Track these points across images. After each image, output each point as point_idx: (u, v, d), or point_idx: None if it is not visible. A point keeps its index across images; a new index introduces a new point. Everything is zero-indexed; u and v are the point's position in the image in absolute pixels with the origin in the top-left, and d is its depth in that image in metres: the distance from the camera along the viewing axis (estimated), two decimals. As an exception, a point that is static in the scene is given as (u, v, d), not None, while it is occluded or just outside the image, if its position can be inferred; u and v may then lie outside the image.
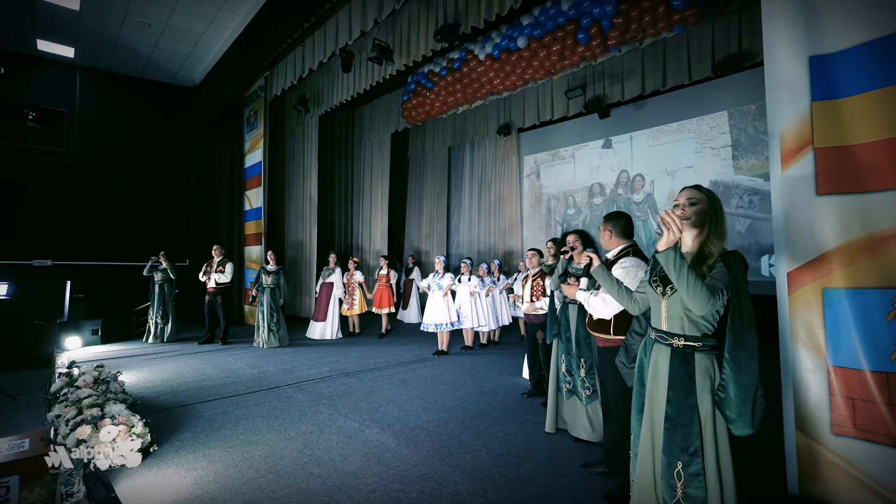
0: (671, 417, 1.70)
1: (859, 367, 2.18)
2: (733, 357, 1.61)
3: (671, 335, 1.74)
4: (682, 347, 1.71)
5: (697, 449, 1.65)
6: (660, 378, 1.76)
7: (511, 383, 4.49)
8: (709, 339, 1.70)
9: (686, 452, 1.66)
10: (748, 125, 6.34)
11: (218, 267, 6.55)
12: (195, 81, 9.63)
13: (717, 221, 1.71)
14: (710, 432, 1.65)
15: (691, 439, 1.65)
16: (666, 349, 1.76)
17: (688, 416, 1.67)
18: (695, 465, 1.64)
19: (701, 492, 1.63)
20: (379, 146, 9.94)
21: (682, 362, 1.71)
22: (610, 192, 7.87)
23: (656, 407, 1.76)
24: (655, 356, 1.80)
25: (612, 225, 2.48)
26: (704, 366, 1.68)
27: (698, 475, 1.64)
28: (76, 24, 7.30)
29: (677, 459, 1.68)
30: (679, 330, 1.72)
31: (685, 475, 1.66)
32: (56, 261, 8.35)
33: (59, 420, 2.97)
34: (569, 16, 5.18)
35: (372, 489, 2.44)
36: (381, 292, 7.30)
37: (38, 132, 8.25)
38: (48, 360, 5.72)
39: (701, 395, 1.67)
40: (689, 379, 1.68)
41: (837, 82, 2.28)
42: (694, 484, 1.64)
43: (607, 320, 2.41)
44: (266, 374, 4.91)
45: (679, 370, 1.71)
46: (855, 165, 2.23)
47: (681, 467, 1.67)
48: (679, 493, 1.67)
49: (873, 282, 2.16)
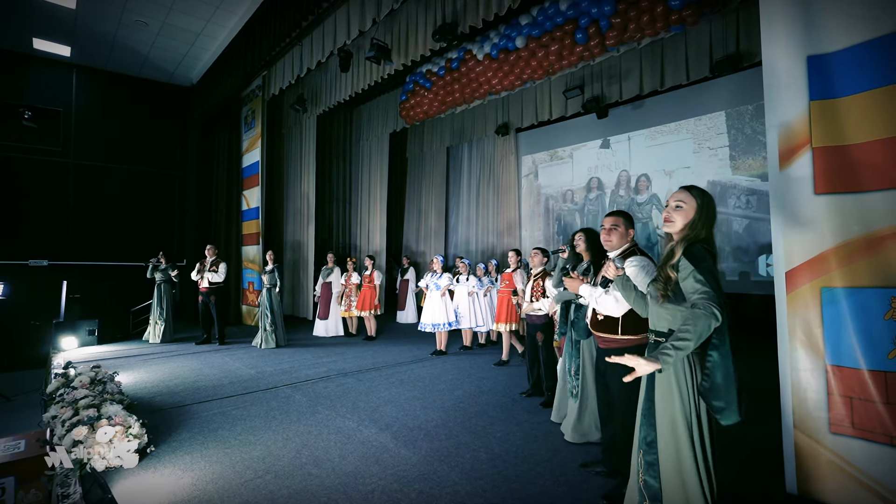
0: (641, 410, 1.83)
1: (857, 367, 2.19)
2: (721, 342, 1.62)
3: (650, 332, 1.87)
4: (653, 343, 1.84)
5: (654, 440, 1.75)
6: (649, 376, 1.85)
7: (509, 383, 4.49)
8: None
9: (645, 442, 1.78)
10: (745, 125, 6.35)
11: (211, 266, 6.53)
12: (192, 81, 9.61)
13: (701, 224, 1.73)
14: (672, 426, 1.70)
15: (649, 430, 1.77)
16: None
17: (647, 408, 1.79)
18: (650, 454, 1.75)
19: (656, 481, 1.73)
20: (377, 146, 9.94)
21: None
22: (610, 192, 7.87)
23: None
24: None
25: (623, 221, 2.38)
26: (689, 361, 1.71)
27: (653, 465, 1.74)
28: (73, 22, 7.27)
29: (640, 448, 1.80)
30: (654, 326, 1.85)
31: (644, 463, 1.78)
32: (52, 261, 8.32)
33: (56, 421, 2.95)
34: (567, 16, 5.19)
35: (370, 489, 2.43)
36: (363, 294, 7.06)
37: (35, 131, 8.21)
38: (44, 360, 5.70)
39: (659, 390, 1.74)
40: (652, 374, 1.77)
41: (835, 82, 2.29)
42: (650, 473, 1.75)
43: (615, 320, 2.36)
44: (264, 374, 4.89)
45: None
46: (853, 165, 2.23)
47: (641, 455, 1.79)
48: (640, 479, 1.79)
49: (871, 281, 2.16)
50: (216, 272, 6.49)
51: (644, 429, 1.78)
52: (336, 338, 7.21)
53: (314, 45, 6.59)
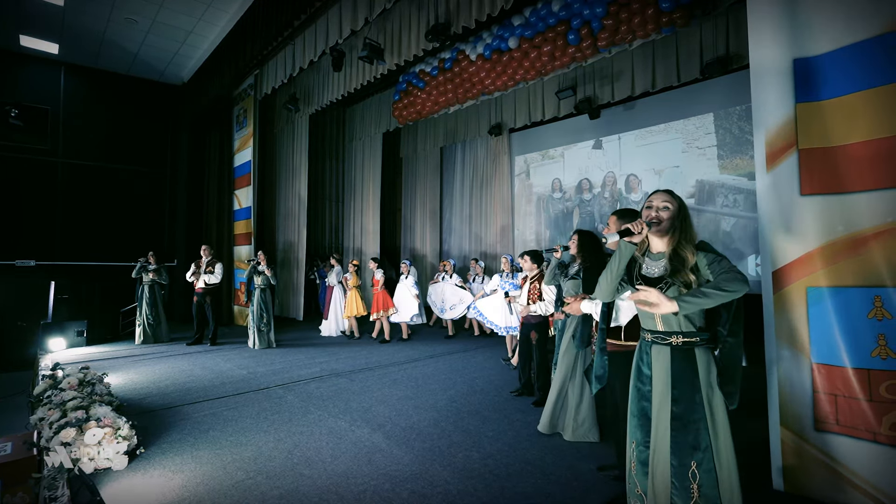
0: (679, 416, 1.67)
1: (841, 364, 2.23)
2: (737, 329, 1.67)
3: (669, 334, 1.73)
4: (682, 344, 1.70)
5: (708, 445, 1.62)
6: (662, 379, 1.73)
7: (502, 382, 4.50)
8: (703, 333, 1.71)
9: (699, 450, 1.63)
10: (733, 125, 6.43)
11: (207, 267, 6.47)
12: (183, 79, 9.51)
13: (687, 227, 1.74)
14: (715, 427, 1.65)
15: (702, 435, 1.63)
16: (665, 349, 1.74)
17: (697, 412, 1.65)
18: (707, 461, 1.61)
19: (714, 490, 1.60)
20: (370, 146, 9.91)
21: (684, 359, 1.70)
22: (601, 191, 7.93)
23: (663, 409, 1.71)
24: (655, 358, 1.76)
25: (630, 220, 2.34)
26: (705, 360, 1.69)
27: (710, 471, 1.61)
28: (60, 19, 7.16)
29: (690, 459, 1.63)
30: (676, 328, 1.72)
31: (700, 473, 1.62)
32: (40, 261, 8.19)
33: (43, 423, 2.92)
34: (559, 17, 5.21)
35: (362, 489, 2.43)
36: (376, 297, 6.87)
37: (21, 130, 8.08)
38: (31, 362, 5.62)
39: (705, 390, 1.66)
40: (694, 375, 1.67)
41: (821, 84, 2.33)
42: (709, 482, 1.61)
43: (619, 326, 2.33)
44: (256, 374, 4.87)
45: (682, 367, 1.70)
46: (837, 166, 2.27)
47: (695, 466, 1.62)
48: (696, 495, 1.61)
49: (855, 280, 2.20)
50: (212, 273, 6.44)
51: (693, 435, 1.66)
52: (330, 338, 7.19)
53: (307, 44, 6.56)
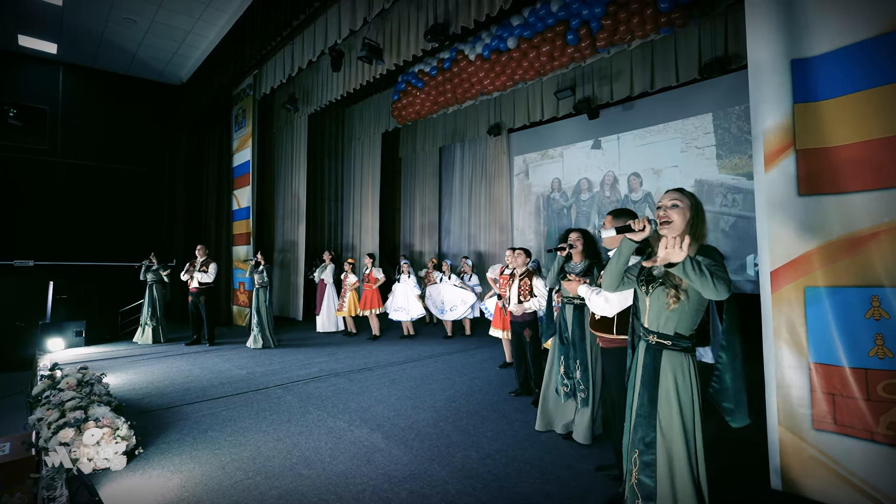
0: (638, 410, 1.79)
1: (839, 364, 2.23)
2: (730, 343, 1.66)
3: (648, 332, 1.81)
4: (655, 344, 1.78)
5: (653, 441, 1.72)
6: (638, 374, 1.83)
7: (500, 382, 4.50)
8: (682, 340, 1.72)
9: (642, 442, 1.75)
10: (732, 125, 6.44)
11: (201, 267, 6.47)
12: (182, 79, 9.51)
13: (698, 225, 1.74)
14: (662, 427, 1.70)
15: (648, 431, 1.74)
16: (644, 345, 1.83)
17: (648, 408, 1.75)
18: (648, 455, 1.73)
19: (651, 481, 1.72)
20: (369, 146, 9.91)
21: (652, 358, 1.78)
22: (600, 191, 7.93)
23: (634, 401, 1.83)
24: (639, 353, 1.85)
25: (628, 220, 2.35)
26: (671, 363, 1.72)
27: (650, 465, 1.73)
28: (59, 19, 7.16)
29: (635, 448, 1.77)
30: (655, 327, 1.78)
31: (640, 463, 1.75)
32: (38, 261, 8.18)
33: (41, 423, 2.91)
34: (558, 17, 5.22)
35: (361, 489, 2.43)
36: (366, 293, 6.98)
37: (20, 130, 8.07)
38: (30, 362, 5.61)
39: (664, 391, 1.72)
40: (655, 374, 1.75)
41: (818, 85, 2.33)
42: (646, 472, 1.73)
43: (610, 319, 2.37)
44: (254, 374, 4.87)
45: (649, 365, 1.78)
46: (835, 167, 2.28)
47: (637, 455, 1.77)
48: (634, 479, 1.77)
49: (852, 280, 2.21)
50: (206, 272, 6.43)
51: (642, 429, 1.76)
52: (329, 336, 7.19)
53: (305, 44, 6.56)
